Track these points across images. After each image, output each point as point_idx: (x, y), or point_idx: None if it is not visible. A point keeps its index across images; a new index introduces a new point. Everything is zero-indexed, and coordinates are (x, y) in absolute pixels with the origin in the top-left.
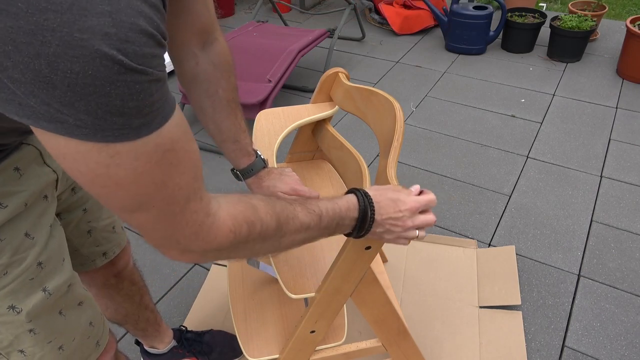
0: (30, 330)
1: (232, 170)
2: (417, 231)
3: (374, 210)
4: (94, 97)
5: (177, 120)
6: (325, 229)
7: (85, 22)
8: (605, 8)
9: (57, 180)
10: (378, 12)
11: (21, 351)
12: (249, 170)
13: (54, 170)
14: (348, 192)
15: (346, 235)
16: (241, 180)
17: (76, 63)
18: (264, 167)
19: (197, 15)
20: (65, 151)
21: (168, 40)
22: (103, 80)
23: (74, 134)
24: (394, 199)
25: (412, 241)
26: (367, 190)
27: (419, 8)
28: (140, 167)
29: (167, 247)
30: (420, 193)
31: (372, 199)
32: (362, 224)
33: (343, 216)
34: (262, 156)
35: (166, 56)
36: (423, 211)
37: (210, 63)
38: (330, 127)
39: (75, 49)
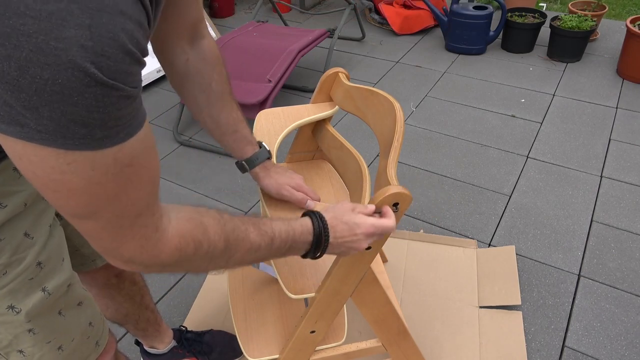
0: (30, 330)
1: (237, 162)
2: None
3: (328, 235)
4: (59, 105)
5: (142, 137)
6: (277, 250)
7: (63, 32)
8: (605, 8)
9: None
10: (378, 12)
11: (20, 351)
12: (255, 159)
13: None
14: (304, 215)
15: (302, 256)
16: (246, 171)
17: (47, 70)
18: (269, 158)
19: (187, 14)
20: (22, 153)
21: (157, 48)
22: (72, 90)
23: (33, 138)
24: (350, 222)
25: (412, 241)
26: (323, 213)
27: (419, 8)
28: (96, 178)
29: (111, 255)
30: (381, 214)
31: (327, 223)
32: (317, 247)
33: (296, 239)
34: (266, 146)
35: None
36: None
37: (200, 59)
38: (330, 127)
39: (48, 56)
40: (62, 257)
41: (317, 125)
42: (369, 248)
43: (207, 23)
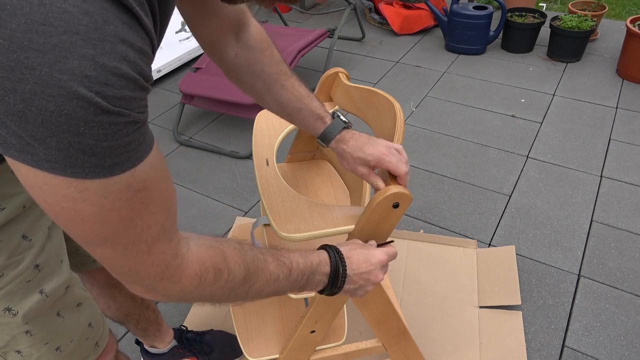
0: (27, 332)
1: (317, 138)
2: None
3: (345, 266)
4: (66, 136)
5: (153, 160)
6: (295, 281)
7: (66, 64)
8: (605, 8)
9: None
10: (378, 12)
11: (18, 352)
12: (327, 134)
13: None
14: (319, 249)
15: (319, 292)
16: (325, 148)
17: (52, 102)
18: (345, 128)
19: (229, 14)
20: (34, 181)
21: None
22: (78, 120)
23: (43, 167)
24: (364, 253)
25: (412, 241)
26: (338, 246)
27: (419, 8)
28: (109, 205)
29: (131, 283)
30: (380, 246)
31: (342, 254)
32: (335, 279)
33: (314, 270)
34: (342, 117)
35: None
36: None
37: (247, 48)
38: None
39: (52, 88)
40: (61, 258)
41: None
42: None
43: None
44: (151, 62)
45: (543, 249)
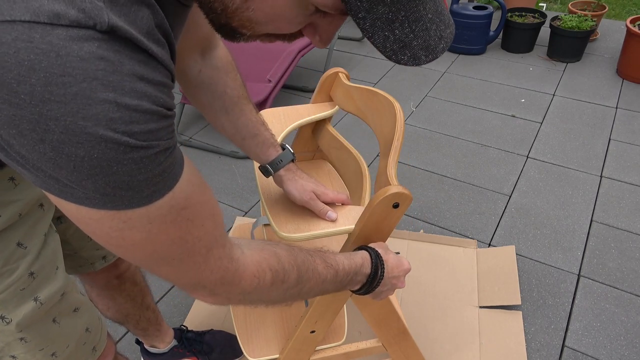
0: (21, 339)
1: (260, 167)
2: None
3: (384, 268)
4: (100, 177)
5: (188, 177)
6: (340, 282)
7: (89, 110)
8: (605, 8)
9: None
10: None
11: (13, 357)
12: (278, 162)
13: None
14: (359, 249)
15: (354, 291)
16: (270, 175)
17: (81, 148)
18: (293, 160)
19: (198, 30)
20: (78, 216)
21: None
22: (109, 161)
23: (84, 203)
24: (396, 258)
25: (412, 241)
26: (375, 248)
27: None
28: (155, 229)
29: (195, 291)
30: None
31: (382, 257)
32: (373, 280)
33: (357, 271)
34: (290, 148)
35: None
36: None
37: (213, 67)
38: (330, 127)
39: (79, 135)
40: (57, 265)
41: (317, 125)
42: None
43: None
44: (172, 89)
45: (543, 249)
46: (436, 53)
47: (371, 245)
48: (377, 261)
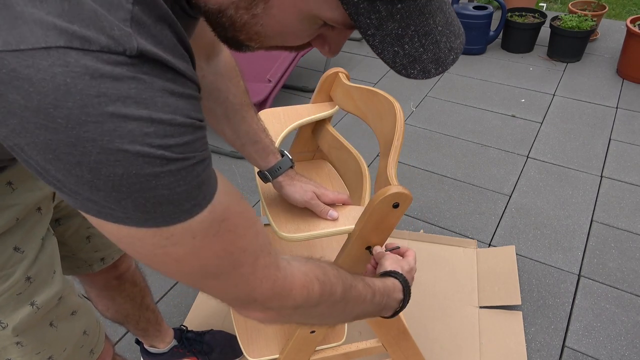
0: (17, 343)
1: (259, 173)
2: None
3: (410, 291)
4: (140, 194)
5: (223, 187)
6: (377, 304)
7: (125, 128)
8: (605, 8)
9: (55, 193)
10: None
11: None
12: (277, 169)
13: None
14: (387, 275)
15: (383, 317)
16: (269, 181)
17: (119, 166)
18: (292, 167)
19: (202, 36)
20: (119, 236)
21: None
22: (147, 177)
23: (124, 222)
24: (411, 269)
25: (412, 241)
26: (401, 272)
27: None
28: (199, 243)
29: (245, 307)
30: (394, 250)
31: (407, 281)
32: (404, 304)
33: (389, 295)
34: (288, 155)
35: None
36: None
37: (216, 73)
38: (330, 127)
39: (116, 154)
40: (54, 269)
41: (317, 125)
42: (369, 248)
43: None
44: (201, 100)
45: (543, 249)
46: (446, 65)
47: (387, 264)
48: (406, 286)
